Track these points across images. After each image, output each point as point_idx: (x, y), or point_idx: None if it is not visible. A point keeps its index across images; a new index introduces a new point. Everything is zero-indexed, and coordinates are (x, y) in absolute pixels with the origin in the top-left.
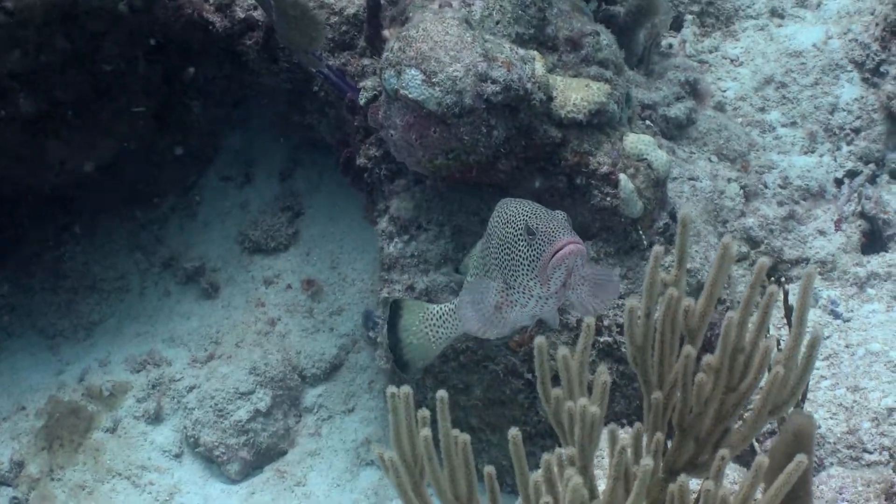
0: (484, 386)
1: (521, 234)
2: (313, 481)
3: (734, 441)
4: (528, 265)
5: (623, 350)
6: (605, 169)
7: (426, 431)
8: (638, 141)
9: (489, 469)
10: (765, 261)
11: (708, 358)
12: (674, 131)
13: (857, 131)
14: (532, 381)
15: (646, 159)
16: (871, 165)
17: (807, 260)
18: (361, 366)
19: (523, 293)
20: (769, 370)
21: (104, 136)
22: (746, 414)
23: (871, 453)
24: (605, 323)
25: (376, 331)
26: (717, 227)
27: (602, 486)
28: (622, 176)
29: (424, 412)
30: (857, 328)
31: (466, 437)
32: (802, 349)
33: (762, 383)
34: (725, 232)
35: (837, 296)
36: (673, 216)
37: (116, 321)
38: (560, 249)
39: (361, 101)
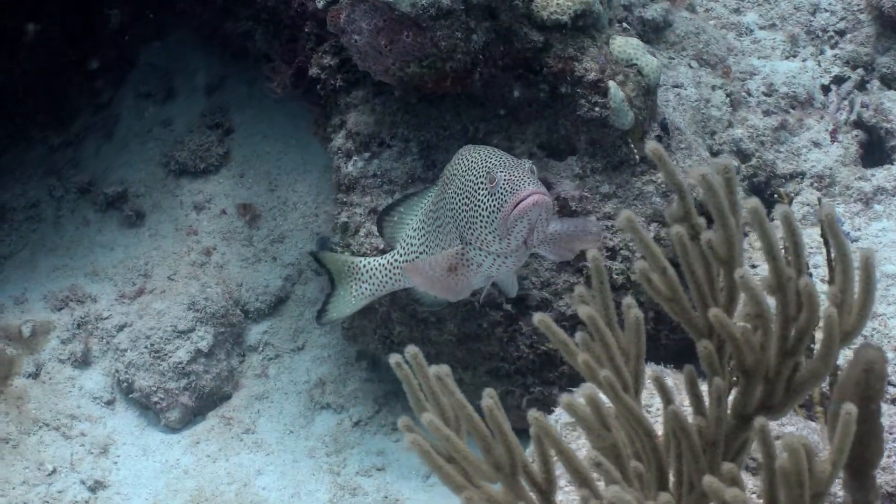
0: (458, 319)
1: (482, 183)
2: (263, 428)
3: (806, 377)
4: (488, 216)
5: (614, 276)
6: (592, 76)
7: (427, 416)
8: (626, 45)
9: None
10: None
11: (748, 308)
12: (651, 34)
13: (841, 34)
14: (512, 313)
15: (635, 65)
16: (860, 70)
17: (802, 174)
18: (310, 298)
19: (480, 249)
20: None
21: (13, 51)
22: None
23: (895, 386)
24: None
25: None
26: (706, 140)
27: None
28: (611, 83)
29: (441, 369)
30: None
31: (491, 401)
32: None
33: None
34: (714, 145)
35: (841, 213)
36: (664, 127)
37: (30, 254)
38: (523, 200)
39: (319, 5)
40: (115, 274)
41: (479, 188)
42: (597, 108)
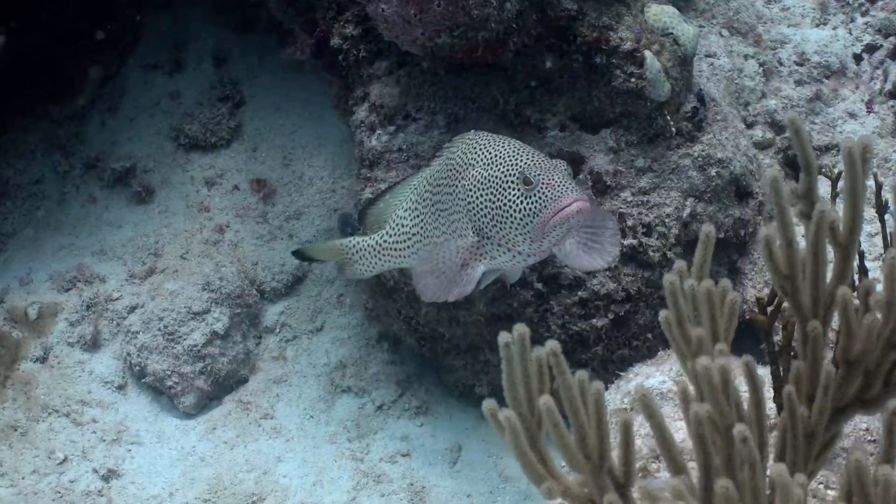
0: (488, 299)
1: (514, 182)
2: (282, 412)
3: None
4: (522, 218)
5: (650, 254)
6: (627, 45)
7: (546, 399)
8: (662, 13)
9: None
10: None
11: (877, 295)
12: (680, 2)
13: (872, 1)
14: (543, 292)
15: (671, 33)
16: (892, 39)
17: (837, 146)
18: (328, 277)
19: (500, 246)
20: None
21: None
22: None
23: None
24: (629, 223)
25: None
26: (740, 111)
27: None
28: (647, 53)
29: (540, 353)
30: None
31: (599, 385)
32: None
33: None
34: (748, 116)
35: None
36: (700, 98)
37: (34, 232)
38: (566, 207)
39: None
40: (124, 253)
41: (509, 187)
42: (632, 80)
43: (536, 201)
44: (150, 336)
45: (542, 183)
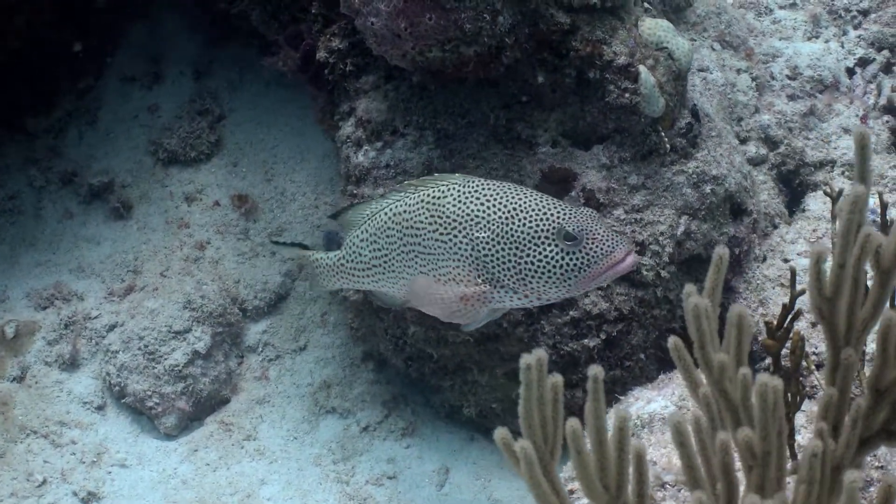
0: None
1: (550, 237)
2: (265, 434)
3: None
4: (563, 273)
5: (644, 273)
6: (622, 60)
7: (573, 422)
8: (656, 27)
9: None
10: None
11: None
12: (671, 15)
13: (865, 13)
14: (534, 312)
15: (666, 48)
16: (885, 52)
17: (832, 162)
18: (311, 295)
19: (516, 293)
20: None
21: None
22: None
23: None
24: None
25: None
26: (733, 126)
27: None
28: (642, 68)
29: (556, 380)
30: None
31: (625, 413)
32: None
33: None
34: (741, 131)
35: (874, 204)
36: (695, 114)
37: (9, 249)
38: (619, 262)
39: None
40: (102, 270)
41: (544, 242)
42: (626, 95)
43: (583, 257)
44: (129, 355)
45: (588, 238)
